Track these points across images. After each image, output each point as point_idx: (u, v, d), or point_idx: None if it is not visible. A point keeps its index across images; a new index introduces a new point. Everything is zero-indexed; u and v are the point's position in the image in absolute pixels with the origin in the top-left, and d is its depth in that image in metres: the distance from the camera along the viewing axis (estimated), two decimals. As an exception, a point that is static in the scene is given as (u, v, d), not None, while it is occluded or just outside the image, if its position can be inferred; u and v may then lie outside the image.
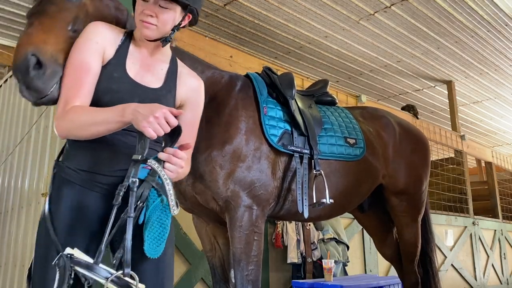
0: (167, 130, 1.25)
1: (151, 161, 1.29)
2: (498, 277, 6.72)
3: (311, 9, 5.04)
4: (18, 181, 4.10)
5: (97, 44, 1.43)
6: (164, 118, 1.24)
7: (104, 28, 1.48)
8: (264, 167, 2.06)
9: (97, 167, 1.40)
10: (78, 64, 1.39)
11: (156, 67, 1.54)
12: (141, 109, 1.25)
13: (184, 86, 1.58)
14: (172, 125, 1.26)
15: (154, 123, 1.22)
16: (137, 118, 1.24)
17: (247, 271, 1.94)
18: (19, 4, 4.69)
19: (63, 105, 1.37)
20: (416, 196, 2.75)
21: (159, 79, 1.53)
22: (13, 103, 4.61)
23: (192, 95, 1.60)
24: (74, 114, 1.34)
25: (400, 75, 7.02)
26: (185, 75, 1.61)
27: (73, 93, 1.37)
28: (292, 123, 2.20)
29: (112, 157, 1.41)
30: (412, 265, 2.77)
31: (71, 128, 1.34)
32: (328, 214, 2.49)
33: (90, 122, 1.32)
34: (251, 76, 2.27)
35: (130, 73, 1.47)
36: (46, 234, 1.41)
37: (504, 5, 5.11)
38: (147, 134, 1.24)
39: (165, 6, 1.42)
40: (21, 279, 3.64)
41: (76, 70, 1.39)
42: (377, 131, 2.63)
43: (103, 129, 1.32)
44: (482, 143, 8.69)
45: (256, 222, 2.00)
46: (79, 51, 1.42)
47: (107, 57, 1.46)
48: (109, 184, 1.39)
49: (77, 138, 1.38)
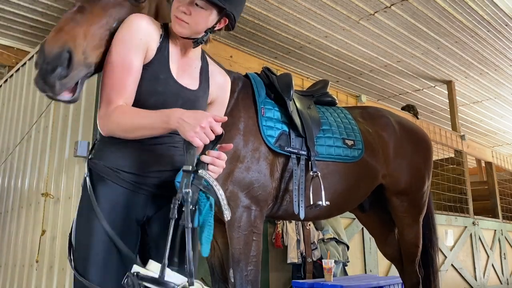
0: (212, 138, 1.27)
1: (202, 171, 1.30)
2: (498, 277, 6.71)
3: (311, 9, 5.04)
4: (18, 181, 4.10)
5: (141, 41, 1.39)
6: (210, 126, 1.25)
7: (147, 23, 1.43)
8: (262, 168, 2.06)
9: (136, 167, 1.39)
10: (121, 63, 1.36)
11: (191, 66, 1.53)
12: (187, 118, 1.25)
13: (214, 84, 1.58)
14: (216, 133, 1.28)
15: (201, 133, 1.24)
16: (184, 128, 1.25)
17: (246, 271, 1.94)
18: (19, 4, 4.69)
19: (106, 104, 1.35)
20: (418, 196, 2.75)
21: (195, 79, 1.52)
22: (13, 103, 4.61)
23: (220, 92, 1.62)
24: (119, 117, 1.32)
25: (400, 75, 7.02)
26: (215, 72, 1.61)
27: (116, 93, 1.35)
28: (289, 124, 2.20)
29: (150, 158, 1.41)
30: (413, 265, 2.76)
31: (116, 129, 1.34)
32: (326, 215, 2.50)
33: (136, 126, 1.31)
34: (250, 76, 2.27)
35: (173, 74, 1.46)
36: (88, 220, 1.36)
37: (504, 5, 5.11)
38: (195, 144, 1.25)
39: (201, 6, 1.38)
40: (21, 279, 3.65)
41: (119, 69, 1.36)
42: (377, 131, 2.63)
43: (148, 133, 1.33)
44: (482, 143, 8.68)
45: (254, 222, 2.00)
46: (122, 48, 1.37)
47: (150, 55, 1.42)
48: (147, 184, 1.40)
49: (121, 137, 1.37)
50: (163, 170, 1.41)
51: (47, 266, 3.23)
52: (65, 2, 4.67)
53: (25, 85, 4.41)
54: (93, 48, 1.39)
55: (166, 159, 1.43)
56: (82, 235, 1.36)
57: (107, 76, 1.38)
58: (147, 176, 1.40)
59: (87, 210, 1.36)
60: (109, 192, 1.37)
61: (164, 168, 1.42)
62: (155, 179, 1.41)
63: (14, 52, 5.50)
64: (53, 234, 3.24)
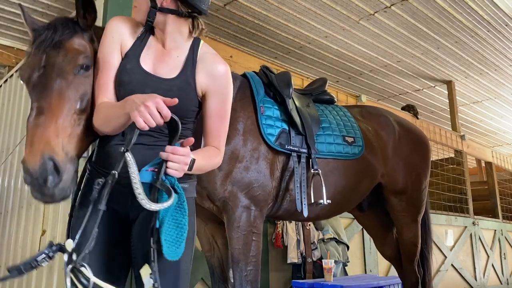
0: (159, 121, 1.19)
1: (128, 155, 1.23)
2: (498, 277, 6.71)
3: (311, 9, 5.04)
4: (18, 181, 4.10)
5: (113, 39, 1.48)
6: (156, 108, 1.18)
7: (120, 22, 1.53)
8: (262, 168, 2.05)
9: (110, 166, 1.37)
10: (101, 63, 1.46)
11: (171, 56, 1.51)
12: (137, 98, 1.22)
13: (204, 73, 1.50)
14: (165, 115, 1.20)
15: (144, 113, 1.17)
16: (131, 108, 1.21)
17: (246, 271, 1.94)
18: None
19: (95, 104, 1.44)
20: (416, 196, 2.75)
21: (175, 68, 1.48)
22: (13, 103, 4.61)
23: (214, 82, 1.51)
24: (98, 112, 1.40)
25: (400, 75, 7.02)
26: (206, 60, 1.53)
27: (100, 91, 1.43)
28: (289, 122, 2.19)
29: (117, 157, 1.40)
30: (411, 265, 2.76)
31: (100, 126, 1.40)
32: (327, 214, 2.49)
33: (108, 118, 1.36)
34: (248, 75, 2.26)
35: (144, 64, 1.46)
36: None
37: (504, 5, 5.11)
38: (138, 125, 1.18)
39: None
40: (21, 279, 3.64)
41: (100, 69, 1.46)
42: (376, 130, 2.62)
43: (118, 123, 1.33)
44: (482, 143, 8.68)
45: (254, 222, 1.99)
46: (100, 50, 1.48)
47: (124, 49, 1.50)
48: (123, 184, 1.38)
49: (108, 133, 1.43)
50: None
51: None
52: (65, 2, 4.67)
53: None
54: (69, 139, 1.39)
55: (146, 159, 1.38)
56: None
57: (95, 78, 1.48)
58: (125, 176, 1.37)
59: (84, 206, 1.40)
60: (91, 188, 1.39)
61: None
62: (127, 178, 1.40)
63: (14, 52, 5.50)
64: (53, 234, 3.24)
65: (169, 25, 1.50)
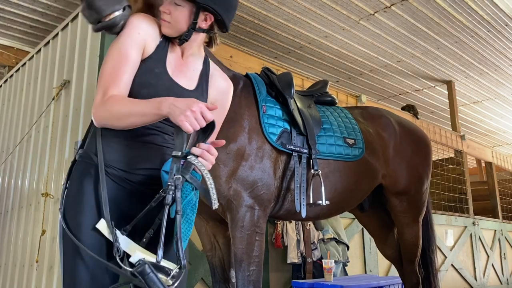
0: (203, 124, 1.26)
1: (191, 157, 1.28)
2: (498, 277, 6.71)
3: (311, 9, 5.04)
4: (18, 181, 4.10)
5: (139, 35, 1.44)
6: (201, 112, 1.24)
7: (147, 22, 1.49)
8: (266, 167, 2.06)
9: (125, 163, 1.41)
10: (118, 54, 1.41)
11: (189, 68, 1.55)
12: (178, 103, 1.26)
13: (214, 89, 1.59)
14: (207, 119, 1.26)
15: (191, 117, 1.23)
16: (174, 112, 1.25)
17: (249, 271, 1.94)
18: (19, 4, 4.69)
19: (102, 94, 1.37)
20: (417, 197, 2.75)
21: (192, 81, 1.54)
22: (13, 103, 4.61)
23: (221, 97, 1.61)
24: (112, 105, 1.34)
25: (400, 75, 7.02)
26: (216, 77, 1.61)
27: (112, 82, 1.37)
28: (291, 122, 2.20)
29: (140, 155, 1.43)
30: (412, 265, 2.76)
31: (109, 117, 1.35)
32: (327, 214, 2.49)
33: (128, 113, 1.32)
34: (250, 76, 2.27)
35: (169, 71, 1.48)
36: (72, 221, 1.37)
37: (504, 5, 5.11)
38: (184, 128, 1.24)
39: (177, 3, 1.46)
40: (21, 279, 3.64)
41: (116, 60, 1.40)
42: (377, 131, 2.63)
43: (139, 120, 1.33)
44: (482, 143, 8.68)
45: (257, 222, 2.00)
46: (121, 41, 1.43)
47: (148, 51, 1.47)
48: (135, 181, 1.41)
49: (113, 127, 1.38)
50: (152, 168, 1.42)
51: (47, 266, 3.23)
52: (65, 2, 4.67)
53: (25, 85, 4.41)
54: None
55: (156, 157, 1.44)
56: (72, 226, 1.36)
57: (105, 65, 1.42)
58: (135, 174, 1.41)
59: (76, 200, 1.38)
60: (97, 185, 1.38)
61: (153, 166, 1.42)
62: (143, 176, 1.42)
63: (14, 52, 5.50)
64: (53, 234, 3.24)
65: (193, 40, 1.54)
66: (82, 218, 1.35)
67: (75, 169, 1.45)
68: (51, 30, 4.53)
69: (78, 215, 1.36)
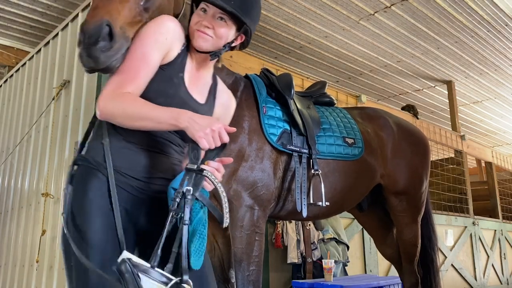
0: (218, 144, 1.28)
1: (207, 172, 1.28)
2: (498, 277, 6.71)
3: (311, 9, 5.04)
4: (18, 181, 4.10)
5: (166, 40, 1.41)
6: (219, 133, 1.27)
7: (175, 27, 1.46)
8: (266, 167, 2.07)
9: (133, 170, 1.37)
10: (141, 54, 1.37)
11: (201, 82, 1.54)
12: (198, 119, 1.27)
13: (219, 104, 1.60)
14: (223, 141, 1.29)
15: (209, 136, 1.25)
16: (193, 127, 1.26)
17: (248, 271, 1.95)
18: (19, 4, 4.69)
19: (115, 87, 1.33)
20: (416, 196, 2.75)
21: (203, 95, 1.53)
22: (13, 103, 4.61)
23: (224, 111, 1.63)
24: (126, 102, 1.30)
25: (400, 75, 7.02)
26: (220, 91, 1.62)
27: (128, 80, 1.34)
28: (291, 122, 2.21)
29: (154, 164, 1.40)
30: (411, 265, 2.76)
31: (119, 114, 1.30)
32: (326, 213, 2.50)
33: (143, 116, 1.29)
34: (250, 77, 2.28)
35: (186, 83, 1.47)
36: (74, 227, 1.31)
37: (504, 5, 5.11)
38: (202, 145, 1.26)
39: (225, 20, 1.45)
40: (21, 279, 3.65)
41: (138, 59, 1.37)
42: (375, 131, 2.64)
43: (152, 126, 1.31)
44: (482, 143, 8.68)
45: (257, 222, 2.01)
46: (147, 41, 1.39)
47: (170, 57, 1.44)
48: (148, 190, 1.39)
49: (119, 124, 1.33)
50: (165, 177, 1.40)
51: (47, 266, 3.23)
52: (65, 2, 4.67)
53: (25, 85, 4.41)
54: (130, 24, 1.40)
55: (167, 166, 1.43)
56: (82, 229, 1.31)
57: (125, 62, 1.37)
58: (150, 183, 1.39)
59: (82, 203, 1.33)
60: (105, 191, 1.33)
61: (165, 176, 1.41)
62: (156, 186, 1.40)
63: (14, 52, 5.51)
64: (53, 234, 3.24)
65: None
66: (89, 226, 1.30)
67: (80, 173, 1.38)
68: (51, 30, 4.53)
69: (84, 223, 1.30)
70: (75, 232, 1.30)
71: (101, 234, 1.29)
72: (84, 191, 1.33)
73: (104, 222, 1.30)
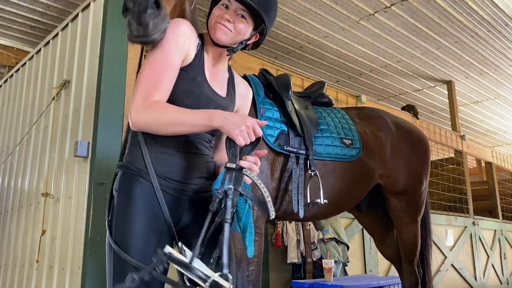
0: (253, 139, 1.33)
1: (247, 170, 1.32)
2: (498, 277, 6.71)
3: (311, 9, 5.04)
4: (18, 181, 4.10)
5: (184, 44, 1.46)
6: (252, 128, 1.31)
7: (190, 29, 1.51)
8: (264, 168, 2.08)
9: (180, 174, 1.43)
10: (163, 60, 1.40)
11: (219, 76, 1.59)
12: (231, 117, 1.32)
13: (239, 96, 1.66)
14: (257, 135, 1.33)
15: (244, 132, 1.30)
16: (228, 126, 1.30)
17: (248, 271, 1.95)
18: (19, 4, 4.69)
19: (143, 98, 1.36)
20: (416, 196, 2.75)
21: (223, 88, 1.59)
22: (13, 103, 4.61)
23: (243, 102, 1.69)
24: (158, 111, 1.34)
25: (400, 75, 7.02)
26: (238, 83, 1.68)
27: (154, 88, 1.37)
28: (288, 123, 2.22)
29: (191, 165, 1.46)
30: (411, 265, 2.76)
31: (152, 123, 1.35)
32: (324, 214, 2.50)
33: (176, 121, 1.33)
34: (249, 77, 2.28)
35: (208, 79, 1.52)
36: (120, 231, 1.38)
37: (504, 5, 5.11)
38: (239, 142, 1.30)
39: (245, 17, 1.51)
40: (21, 279, 3.65)
41: (160, 65, 1.40)
42: (374, 132, 2.63)
43: (186, 130, 1.36)
44: (482, 143, 8.68)
45: (256, 222, 2.01)
46: (167, 48, 1.42)
47: (189, 59, 1.49)
48: (188, 190, 1.44)
49: (155, 132, 1.38)
50: (201, 176, 1.47)
51: (47, 266, 3.23)
52: (65, 2, 4.67)
53: (25, 85, 4.41)
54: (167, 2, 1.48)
55: (203, 165, 1.49)
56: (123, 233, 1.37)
57: (147, 70, 1.41)
58: (190, 183, 1.45)
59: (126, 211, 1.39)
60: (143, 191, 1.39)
61: (202, 175, 1.48)
62: (195, 185, 1.46)
63: (14, 52, 5.51)
64: (53, 234, 3.24)
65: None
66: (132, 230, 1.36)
67: (123, 180, 1.43)
68: (51, 30, 4.54)
69: (128, 228, 1.36)
70: (119, 236, 1.36)
71: (144, 237, 1.35)
72: (128, 196, 1.39)
73: (147, 225, 1.37)
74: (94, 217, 2.78)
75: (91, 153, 2.95)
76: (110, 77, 3.02)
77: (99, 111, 2.95)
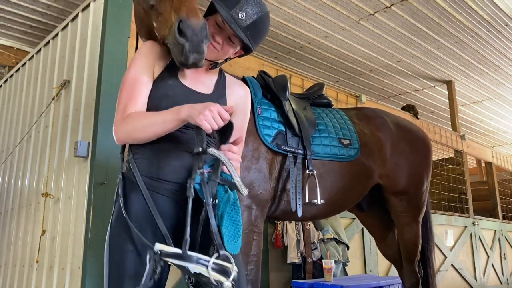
0: (221, 123, 1.35)
1: (212, 149, 1.35)
2: (498, 277, 6.71)
3: (311, 9, 5.04)
4: (18, 181, 4.10)
5: (148, 60, 1.57)
6: (218, 112, 1.34)
7: (154, 46, 1.61)
8: (262, 167, 2.09)
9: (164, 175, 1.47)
10: (133, 78, 1.53)
11: (205, 78, 1.66)
12: (196, 106, 1.37)
13: (233, 95, 1.70)
14: (224, 119, 1.36)
15: (208, 116, 1.32)
16: (193, 114, 1.35)
17: (247, 271, 1.95)
18: (19, 4, 4.69)
19: (122, 112, 1.48)
20: (417, 196, 2.75)
21: (209, 87, 1.64)
22: (13, 103, 4.61)
23: (240, 101, 1.72)
24: (133, 118, 1.45)
25: (400, 75, 7.02)
26: (233, 84, 1.73)
27: (129, 102, 1.49)
28: (286, 124, 2.24)
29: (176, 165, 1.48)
30: (412, 265, 2.76)
31: (131, 130, 1.44)
32: (324, 214, 2.51)
33: (149, 123, 1.42)
34: (247, 79, 2.30)
35: (183, 81, 1.58)
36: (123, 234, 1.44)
37: (504, 5, 5.11)
38: (203, 127, 1.33)
39: (233, 42, 1.61)
40: (21, 279, 3.65)
41: (131, 84, 1.52)
42: (373, 132, 2.63)
43: (161, 128, 1.41)
44: (482, 143, 8.68)
45: (255, 222, 2.02)
46: (133, 67, 1.55)
47: (158, 69, 1.58)
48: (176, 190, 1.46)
49: (136, 141, 1.47)
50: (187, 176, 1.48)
51: (47, 266, 3.23)
52: (65, 2, 4.67)
53: (25, 85, 4.41)
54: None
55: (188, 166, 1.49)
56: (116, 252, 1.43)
57: (122, 89, 1.53)
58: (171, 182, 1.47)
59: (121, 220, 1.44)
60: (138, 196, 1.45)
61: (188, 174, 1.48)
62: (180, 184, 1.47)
63: (14, 52, 5.51)
64: (53, 234, 3.24)
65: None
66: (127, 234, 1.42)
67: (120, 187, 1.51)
68: (51, 30, 4.54)
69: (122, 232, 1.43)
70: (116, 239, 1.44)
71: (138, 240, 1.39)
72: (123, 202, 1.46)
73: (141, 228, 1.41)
74: (94, 217, 2.78)
75: (91, 153, 2.95)
76: (110, 77, 3.02)
77: (99, 111, 2.95)
